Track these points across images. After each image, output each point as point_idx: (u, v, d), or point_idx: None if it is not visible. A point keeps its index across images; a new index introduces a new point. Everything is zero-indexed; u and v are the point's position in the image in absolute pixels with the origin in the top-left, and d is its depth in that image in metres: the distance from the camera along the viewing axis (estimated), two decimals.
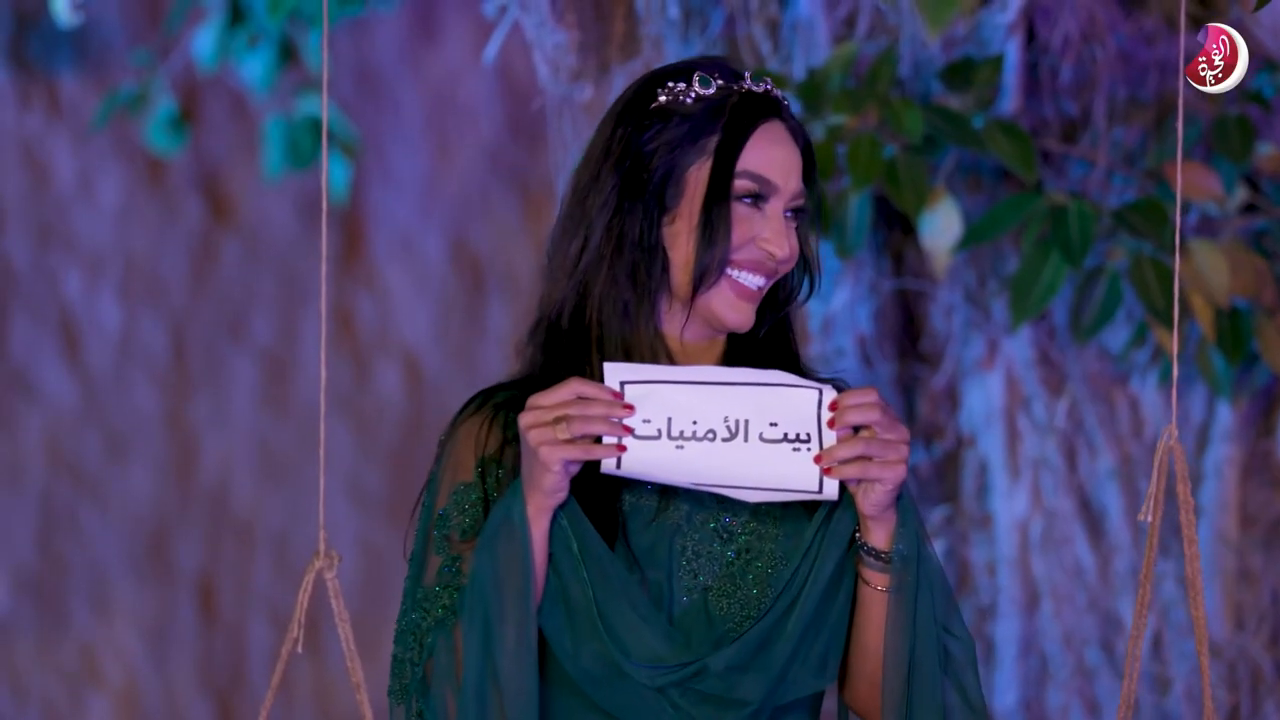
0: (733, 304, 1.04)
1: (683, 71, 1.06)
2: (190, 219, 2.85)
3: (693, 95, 1.04)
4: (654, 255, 1.04)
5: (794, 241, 1.06)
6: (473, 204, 2.87)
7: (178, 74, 2.62)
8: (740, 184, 1.03)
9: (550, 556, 0.98)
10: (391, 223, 2.86)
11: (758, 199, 1.04)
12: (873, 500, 0.97)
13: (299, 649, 0.99)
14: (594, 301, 1.04)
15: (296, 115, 2.57)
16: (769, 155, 1.04)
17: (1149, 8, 1.87)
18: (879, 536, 0.99)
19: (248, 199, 2.85)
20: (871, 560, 1.00)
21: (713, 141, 1.03)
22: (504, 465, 1.03)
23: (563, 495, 0.97)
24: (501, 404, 1.04)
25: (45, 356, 2.81)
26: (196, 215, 2.85)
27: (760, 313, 1.07)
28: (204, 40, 2.53)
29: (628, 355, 1.04)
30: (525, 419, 0.96)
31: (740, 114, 1.04)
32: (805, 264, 1.09)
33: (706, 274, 1.03)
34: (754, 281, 1.05)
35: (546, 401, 0.96)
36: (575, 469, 0.96)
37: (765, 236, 1.04)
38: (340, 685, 2.54)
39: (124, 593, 2.82)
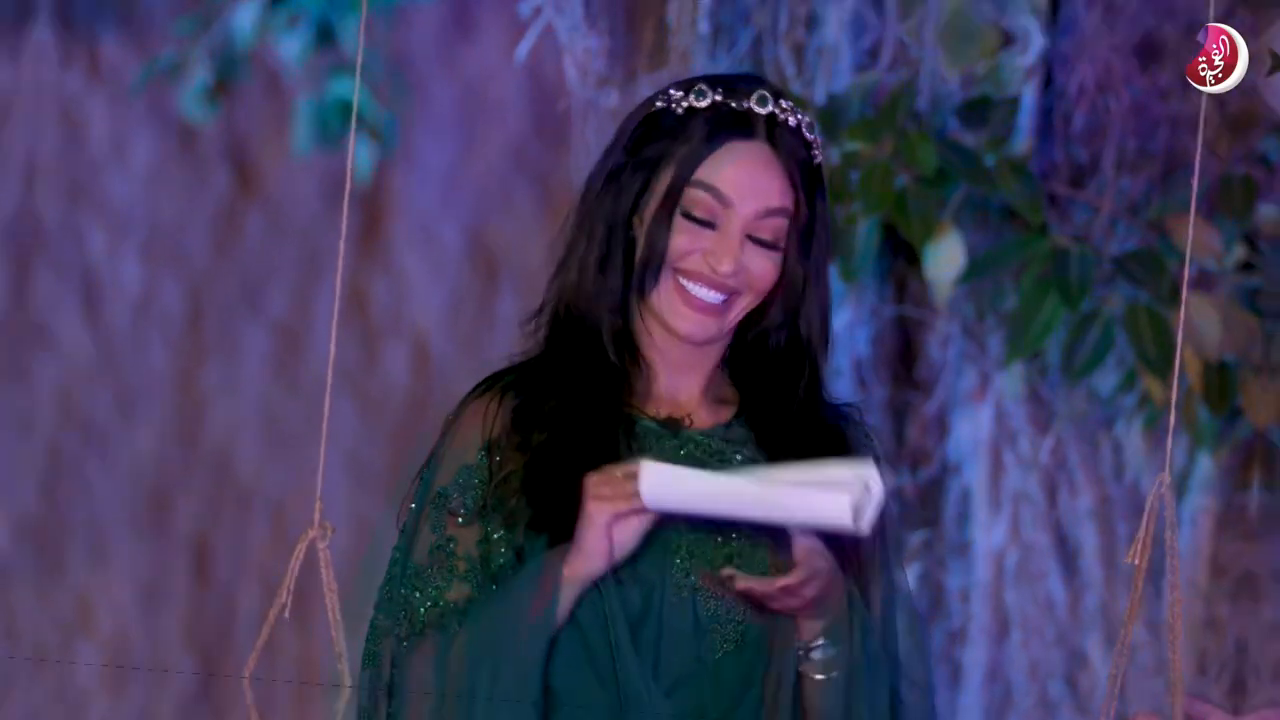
0: (680, 312, 1.06)
1: (692, 82, 1.09)
2: (217, 188, 2.90)
3: (685, 105, 1.07)
4: (616, 247, 1.07)
5: (753, 263, 1.05)
6: (493, 197, 2.91)
7: (217, 46, 2.67)
8: (691, 193, 1.05)
9: (575, 619, 1.01)
10: (413, 209, 2.91)
11: (708, 214, 1.05)
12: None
13: (286, 614, 1.02)
14: (570, 287, 1.08)
15: (328, 96, 2.62)
16: (731, 172, 1.05)
17: (1164, 63, 1.90)
18: (806, 631, 1.01)
19: (274, 173, 2.90)
20: (801, 654, 1.02)
21: (682, 150, 1.05)
22: (507, 447, 1.05)
23: (601, 562, 0.99)
24: (509, 385, 1.07)
25: (65, 311, 2.87)
26: (223, 185, 2.90)
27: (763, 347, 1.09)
28: (245, 16, 2.58)
29: (604, 345, 1.07)
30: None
31: (713, 127, 1.05)
32: (788, 296, 1.08)
33: (645, 274, 1.06)
34: (704, 294, 1.05)
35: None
36: (625, 536, 0.99)
37: (709, 249, 1.05)
38: (324, 654, 2.58)
39: (122, 547, 2.88)
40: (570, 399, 1.07)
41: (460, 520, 1.05)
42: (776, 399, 1.09)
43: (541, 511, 1.04)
